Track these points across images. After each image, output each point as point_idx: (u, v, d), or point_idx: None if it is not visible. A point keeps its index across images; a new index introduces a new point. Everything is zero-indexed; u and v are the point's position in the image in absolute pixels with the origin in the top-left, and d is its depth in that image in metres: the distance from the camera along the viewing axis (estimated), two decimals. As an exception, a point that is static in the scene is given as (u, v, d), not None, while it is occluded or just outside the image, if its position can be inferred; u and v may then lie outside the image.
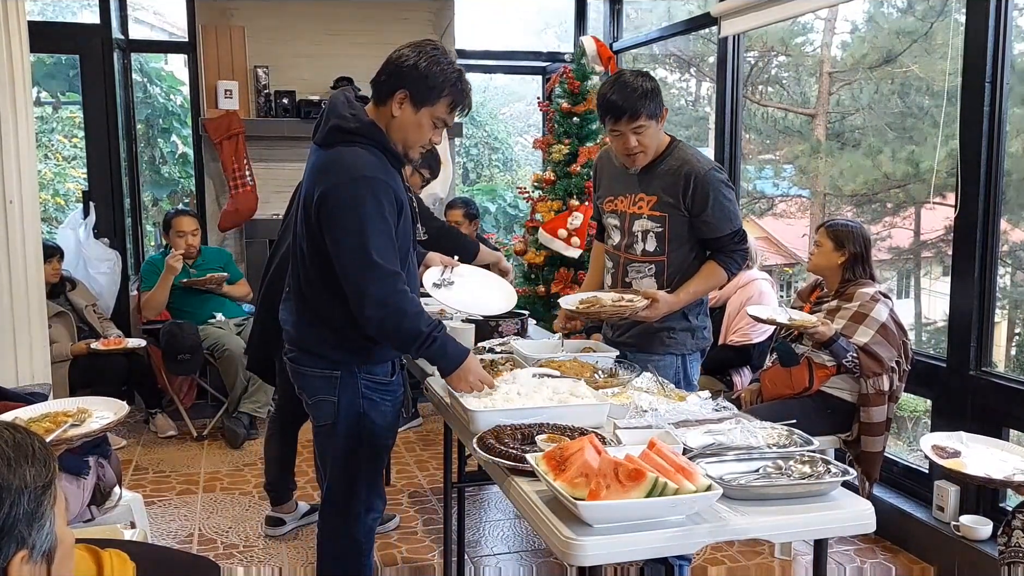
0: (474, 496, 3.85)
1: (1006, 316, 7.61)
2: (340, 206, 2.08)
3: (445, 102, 2.16)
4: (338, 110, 2.16)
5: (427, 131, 2.19)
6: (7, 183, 3.28)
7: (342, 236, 2.08)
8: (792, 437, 1.89)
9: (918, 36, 8.06)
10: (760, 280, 3.83)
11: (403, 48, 2.16)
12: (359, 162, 2.10)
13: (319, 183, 2.12)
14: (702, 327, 2.77)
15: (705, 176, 2.56)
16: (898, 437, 7.01)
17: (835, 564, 3.21)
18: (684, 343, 2.74)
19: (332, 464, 2.34)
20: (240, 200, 5.24)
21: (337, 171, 2.10)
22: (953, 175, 3.23)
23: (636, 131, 2.54)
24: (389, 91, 2.14)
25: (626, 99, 2.50)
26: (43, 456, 1.17)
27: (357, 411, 2.28)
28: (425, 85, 2.12)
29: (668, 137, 2.67)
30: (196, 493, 3.96)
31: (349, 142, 2.13)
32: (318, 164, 2.17)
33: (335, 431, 2.29)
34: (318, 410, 2.32)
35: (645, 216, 2.66)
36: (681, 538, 1.55)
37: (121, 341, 4.42)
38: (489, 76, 9.91)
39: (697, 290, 2.66)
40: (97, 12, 5.23)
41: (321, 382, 2.28)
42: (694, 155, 2.62)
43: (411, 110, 2.15)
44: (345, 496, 2.35)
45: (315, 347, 2.28)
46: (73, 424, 2.00)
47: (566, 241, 4.82)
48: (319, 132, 2.20)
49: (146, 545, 2.33)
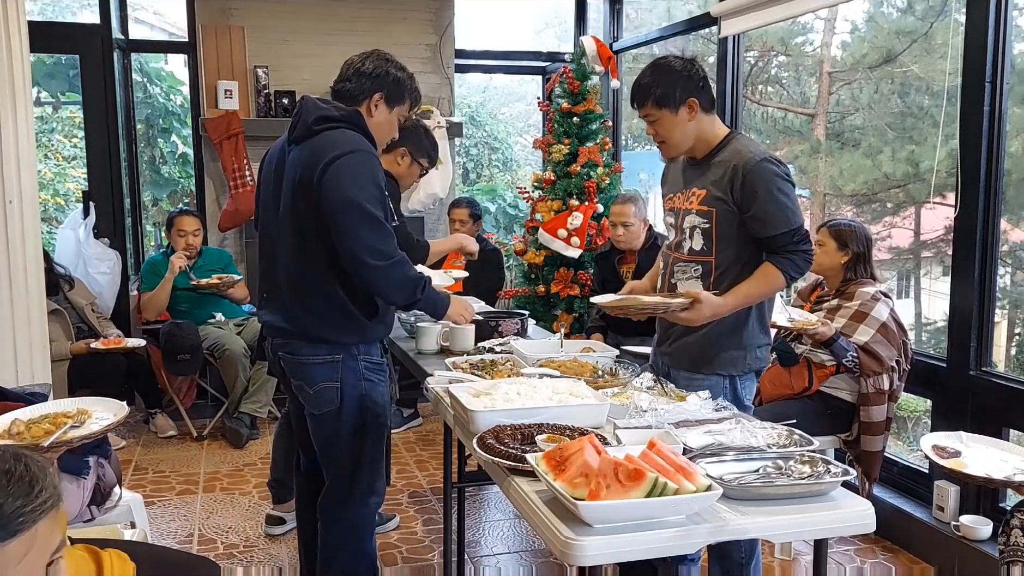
0: (474, 496, 3.85)
1: (1006, 316, 7.60)
2: (343, 171, 2.22)
3: (409, 102, 2.47)
4: (318, 105, 2.33)
5: (395, 127, 2.49)
6: (7, 183, 3.29)
7: (347, 196, 2.21)
8: (792, 437, 1.89)
9: (918, 36, 8.05)
10: None
11: (366, 57, 2.42)
12: (354, 138, 2.29)
13: (315, 162, 2.24)
14: (758, 345, 2.46)
15: (755, 167, 2.31)
16: (898, 437, 7.01)
17: (835, 564, 3.21)
18: (734, 363, 2.44)
19: (336, 449, 2.42)
20: (240, 200, 5.24)
21: (333, 147, 2.25)
22: (953, 175, 3.23)
23: (649, 119, 2.42)
24: (365, 93, 2.39)
25: (636, 87, 2.41)
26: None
27: (360, 393, 2.39)
28: (398, 87, 2.42)
29: (725, 129, 2.46)
30: (196, 493, 3.96)
31: (334, 127, 2.30)
32: (307, 150, 2.29)
33: (340, 415, 2.38)
34: (321, 398, 2.39)
35: (694, 211, 2.42)
36: (681, 538, 1.54)
37: (121, 341, 4.42)
38: (489, 76, 9.90)
39: (749, 294, 2.36)
40: (97, 12, 5.23)
41: (323, 369, 2.36)
42: (747, 145, 2.39)
43: (385, 109, 2.42)
44: (351, 479, 2.44)
45: (317, 331, 2.35)
46: (73, 426, 2.00)
47: (566, 241, 4.82)
48: (298, 128, 2.32)
49: (146, 545, 2.33)
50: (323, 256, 2.31)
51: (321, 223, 2.27)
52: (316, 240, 2.30)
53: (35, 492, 1.20)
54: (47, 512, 1.21)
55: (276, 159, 2.43)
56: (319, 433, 2.47)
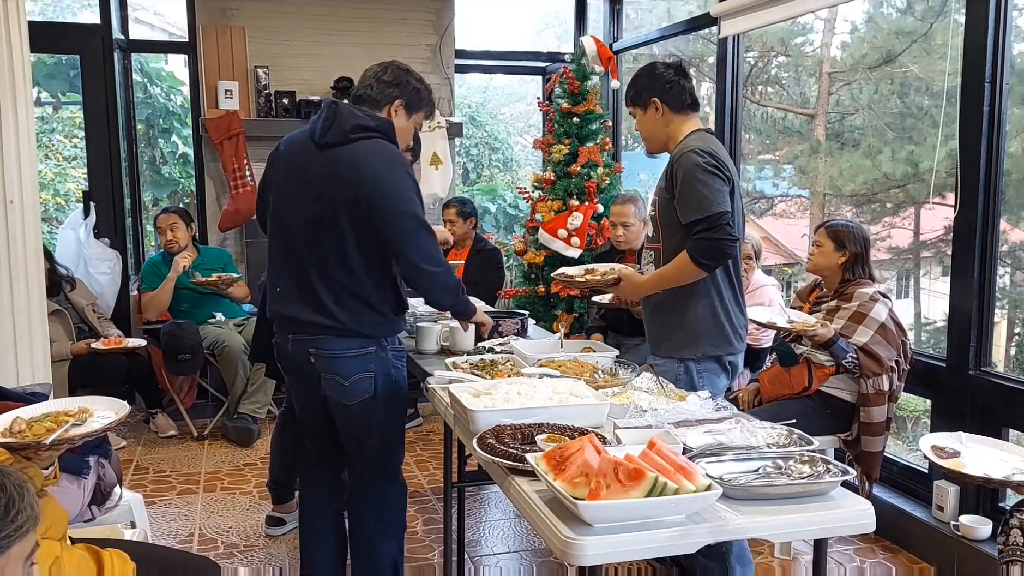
0: (474, 496, 3.86)
1: (1006, 316, 7.60)
2: (396, 186, 2.37)
3: (425, 111, 2.58)
4: (354, 113, 2.43)
5: (411, 134, 2.60)
6: (7, 183, 3.29)
7: (402, 209, 2.37)
8: (792, 437, 1.89)
9: (918, 36, 8.05)
10: (768, 287, 3.83)
11: (386, 67, 2.52)
12: (391, 150, 2.44)
13: (360, 173, 2.36)
14: (712, 332, 2.53)
15: (682, 158, 2.47)
16: (898, 437, 7.01)
17: (835, 564, 3.21)
18: (683, 347, 2.55)
19: (371, 434, 2.56)
20: (240, 200, 5.24)
21: (378, 159, 2.39)
22: (953, 175, 3.23)
23: (633, 118, 2.69)
24: (386, 99, 2.48)
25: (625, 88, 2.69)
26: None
27: (391, 379, 2.56)
28: (417, 96, 2.53)
29: (693, 128, 2.58)
30: (196, 493, 3.96)
31: (369, 137, 2.41)
32: (346, 158, 2.38)
33: (374, 402, 2.53)
34: (356, 388, 2.51)
35: (651, 203, 2.69)
36: (681, 538, 1.55)
37: (121, 341, 4.42)
38: (489, 76, 9.90)
39: (663, 275, 2.51)
40: (97, 12, 5.23)
41: (357, 361, 2.49)
42: (690, 140, 2.53)
43: (404, 116, 2.52)
44: (387, 458, 2.63)
45: (354, 326, 2.46)
46: (75, 424, 2.00)
47: (566, 241, 4.83)
48: (331, 133, 2.41)
49: (146, 545, 2.33)
50: (360, 259, 2.42)
51: (362, 229, 2.38)
52: (355, 244, 2.41)
53: (11, 516, 1.15)
54: (23, 537, 1.17)
55: (298, 158, 2.50)
56: (352, 421, 2.56)
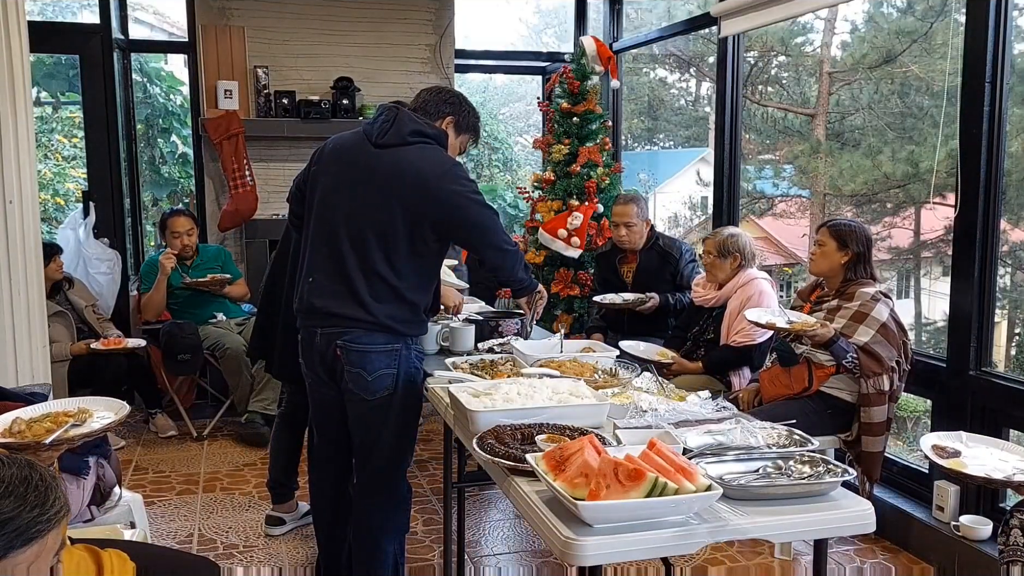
0: (474, 496, 3.85)
1: (1006, 316, 7.61)
2: (461, 186, 2.47)
3: (472, 136, 2.69)
4: (414, 119, 2.53)
5: (456, 153, 2.65)
6: (7, 183, 3.28)
7: (470, 207, 2.48)
8: (792, 437, 1.89)
9: (918, 36, 8.06)
10: (760, 280, 3.81)
11: (443, 89, 2.65)
12: (447, 156, 2.55)
13: (424, 175, 2.45)
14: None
15: None
16: (898, 437, 7.01)
17: (835, 564, 3.21)
18: None
19: (387, 429, 2.57)
20: (240, 200, 5.24)
21: (442, 162, 2.50)
22: (953, 175, 3.23)
23: None
24: (441, 113, 2.58)
25: None
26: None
27: (412, 378, 2.58)
28: (467, 118, 2.63)
29: None
30: (196, 493, 3.96)
31: (427, 143, 2.51)
32: (405, 158, 2.47)
33: (392, 399, 2.54)
34: (378, 383, 2.52)
35: None
36: (681, 538, 1.55)
37: (121, 341, 4.42)
38: (489, 76, 9.92)
39: None
40: (97, 12, 5.23)
41: (383, 357, 2.51)
42: None
43: (453, 133, 2.61)
44: (400, 454, 2.65)
45: (387, 321, 2.49)
46: (74, 424, 2.00)
47: (566, 241, 4.82)
48: (390, 135, 2.49)
49: (146, 545, 2.33)
50: (409, 258, 2.48)
51: (418, 230, 2.45)
52: (408, 243, 2.46)
53: (50, 502, 1.23)
54: (60, 522, 1.24)
55: (352, 156, 2.54)
56: (369, 416, 2.56)
